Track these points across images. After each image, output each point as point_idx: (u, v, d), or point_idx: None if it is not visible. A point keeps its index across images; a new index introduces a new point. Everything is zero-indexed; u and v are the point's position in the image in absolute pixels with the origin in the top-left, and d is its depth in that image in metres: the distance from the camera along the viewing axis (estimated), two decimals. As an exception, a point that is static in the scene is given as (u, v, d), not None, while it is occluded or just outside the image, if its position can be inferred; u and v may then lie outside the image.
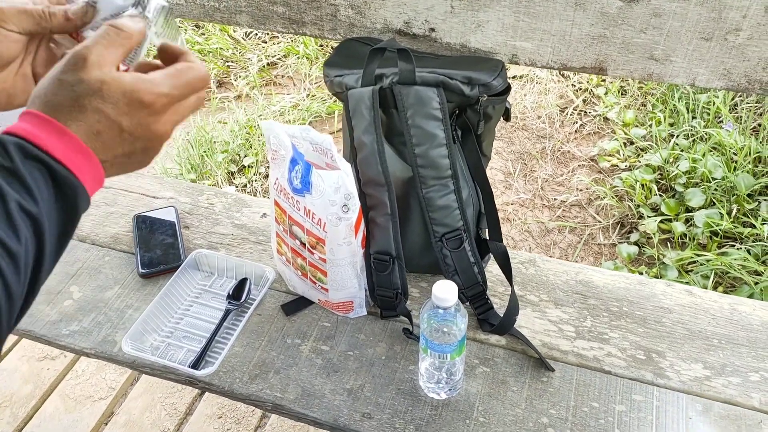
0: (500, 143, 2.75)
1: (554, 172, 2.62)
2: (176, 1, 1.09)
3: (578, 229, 2.39)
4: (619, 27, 0.90)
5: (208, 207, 1.18)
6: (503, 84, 0.93)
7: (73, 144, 0.47)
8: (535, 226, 2.43)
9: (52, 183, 0.46)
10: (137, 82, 0.49)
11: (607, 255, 2.32)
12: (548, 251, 2.35)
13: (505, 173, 2.66)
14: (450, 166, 0.94)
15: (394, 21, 1.01)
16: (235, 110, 2.96)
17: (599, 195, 2.44)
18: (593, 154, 2.61)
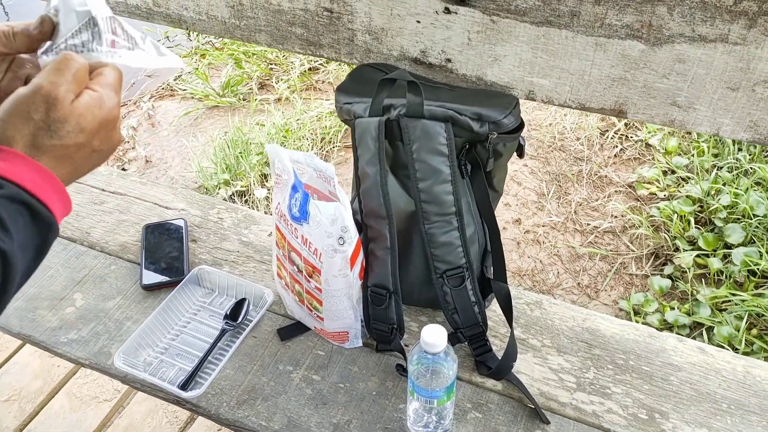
0: (536, 163, 2.70)
1: (589, 196, 2.55)
2: (198, 17, 1.10)
3: (610, 257, 2.32)
4: (640, 70, 0.86)
5: (218, 222, 1.18)
6: (515, 122, 0.90)
7: (55, 185, 0.50)
8: (565, 251, 2.37)
9: (31, 222, 0.48)
10: (101, 104, 0.53)
11: (639, 286, 2.24)
12: (577, 277, 2.29)
13: (539, 194, 2.60)
14: (454, 202, 0.91)
15: (410, 49, 0.99)
16: (273, 113, 2.98)
17: (635, 223, 2.37)
18: (631, 180, 2.53)
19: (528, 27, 0.89)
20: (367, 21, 0.99)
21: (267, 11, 1.04)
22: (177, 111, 3.25)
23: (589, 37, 0.86)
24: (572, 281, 2.30)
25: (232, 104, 3.15)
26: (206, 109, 3.22)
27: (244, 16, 1.06)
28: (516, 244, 2.43)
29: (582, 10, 0.84)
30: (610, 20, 0.83)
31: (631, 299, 2.14)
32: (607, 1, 0.82)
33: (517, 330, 1.01)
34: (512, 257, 2.36)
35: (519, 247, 2.42)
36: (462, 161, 0.93)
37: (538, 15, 0.87)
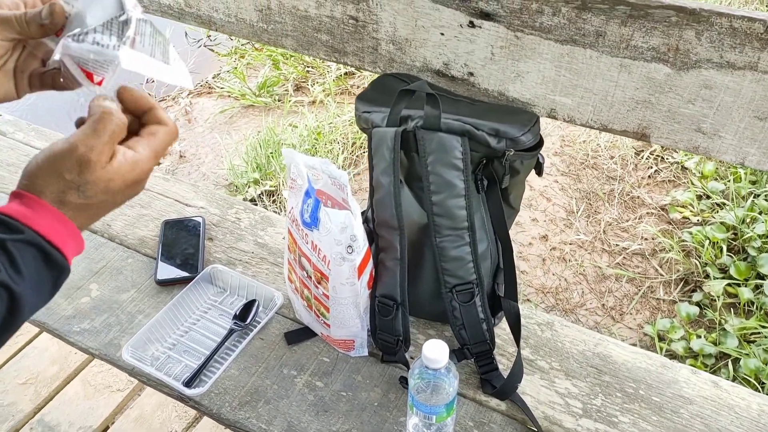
0: (567, 179, 2.66)
1: (620, 216, 2.50)
2: (227, 19, 1.11)
3: (637, 280, 2.27)
4: (665, 94, 0.84)
5: (235, 221, 1.20)
6: (533, 140, 0.88)
7: (72, 232, 0.53)
8: (591, 270, 2.33)
9: (44, 265, 0.52)
10: (134, 167, 0.54)
11: (665, 312, 2.19)
12: (602, 298, 2.25)
13: (568, 211, 2.56)
14: (467, 217, 0.90)
15: (433, 61, 0.99)
16: (306, 115, 3.00)
17: (665, 247, 2.31)
18: (664, 203, 2.47)
19: (552, 45, 0.88)
20: (391, 31, 0.99)
21: (294, 17, 1.05)
22: (213, 108, 3.30)
23: (614, 57, 0.84)
24: (597, 302, 2.26)
25: (267, 104, 3.19)
26: (242, 108, 3.26)
27: (272, 20, 1.07)
28: (541, 261, 2.40)
29: (608, 30, 0.82)
30: (636, 42, 0.81)
31: (657, 324, 2.09)
32: (633, 23, 0.80)
33: (525, 350, 0.99)
34: (537, 273, 2.33)
35: (544, 264, 2.39)
36: (478, 176, 0.92)
37: (563, 33, 0.86)
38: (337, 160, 2.71)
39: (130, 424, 1.35)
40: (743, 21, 0.74)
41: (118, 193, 0.55)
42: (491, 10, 0.89)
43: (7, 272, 0.49)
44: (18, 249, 0.50)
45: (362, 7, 0.99)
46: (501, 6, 0.88)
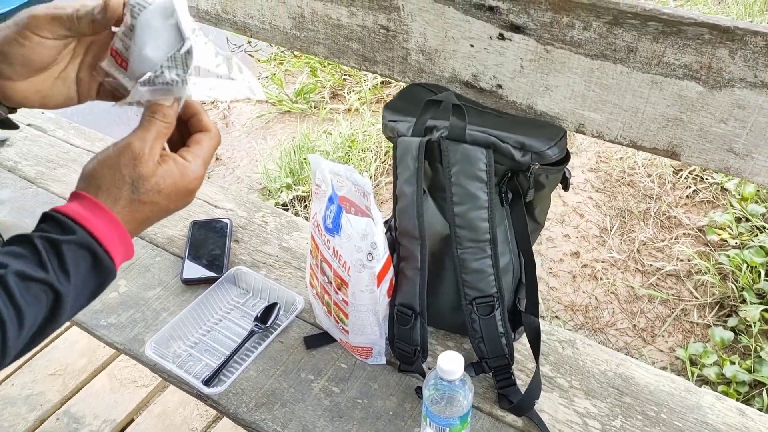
0: (601, 196, 2.62)
1: (655, 236, 2.45)
2: (262, 26, 1.13)
3: (671, 302, 2.22)
4: (697, 113, 0.82)
5: (261, 225, 1.21)
6: (559, 154, 0.88)
7: (123, 237, 0.55)
8: (623, 290, 2.29)
9: (92, 269, 0.53)
10: (184, 172, 0.57)
11: (699, 336, 2.13)
12: (633, 319, 2.20)
13: (601, 228, 2.52)
14: (489, 230, 0.90)
15: (462, 72, 0.99)
16: (341, 123, 3.03)
17: (701, 269, 2.25)
18: (702, 224, 2.41)
19: (582, 59, 0.87)
20: (421, 41, 0.99)
21: (327, 25, 1.07)
22: (250, 113, 3.36)
23: (645, 74, 0.83)
24: (628, 322, 2.21)
25: (303, 111, 3.22)
26: (278, 114, 3.31)
27: (305, 28, 1.09)
28: (572, 278, 2.36)
29: (639, 46, 0.81)
30: (668, 59, 0.80)
31: (689, 348, 2.04)
32: (665, 39, 0.79)
33: (545, 367, 0.98)
34: (566, 290, 2.30)
35: (574, 281, 2.35)
36: (503, 189, 0.92)
37: (593, 48, 0.85)
38: (369, 168, 2.72)
39: (153, 419, 1.38)
40: (779, 40, 0.72)
41: (169, 197, 0.56)
42: (522, 23, 0.89)
43: (55, 272, 0.51)
44: (70, 250, 0.52)
45: (393, 17, 0.99)
46: (531, 19, 0.88)
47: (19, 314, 0.49)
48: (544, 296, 2.26)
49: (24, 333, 0.50)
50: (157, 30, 0.56)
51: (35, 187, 1.30)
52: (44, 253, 0.51)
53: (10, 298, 0.49)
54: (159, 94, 0.56)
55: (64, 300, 0.52)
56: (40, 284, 0.50)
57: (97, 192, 0.55)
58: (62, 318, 0.53)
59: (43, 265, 0.51)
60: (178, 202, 0.58)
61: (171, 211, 0.59)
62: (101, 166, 0.56)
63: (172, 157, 0.57)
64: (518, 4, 0.87)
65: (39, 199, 1.27)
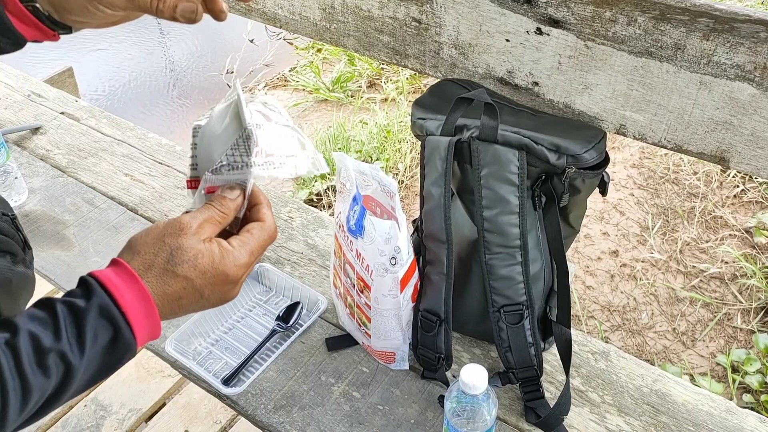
0: (643, 193, 2.53)
1: (699, 236, 2.35)
2: (292, 17, 1.10)
3: (713, 306, 2.13)
4: (749, 116, 0.76)
5: (288, 220, 1.19)
6: (597, 158, 0.82)
7: (150, 311, 0.52)
8: (663, 291, 2.21)
9: (110, 343, 0.51)
10: (225, 256, 0.55)
11: (741, 342, 2.04)
12: (673, 322, 2.12)
13: (642, 227, 2.43)
14: (519, 236, 0.86)
15: (497, 68, 0.94)
16: (377, 112, 3.00)
17: (746, 273, 2.15)
18: (749, 225, 2.30)
19: (625, 56, 0.81)
20: (454, 35, 0.95)
21: (357, 16, 1.03)
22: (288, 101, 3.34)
23: (694, 73, 0.77)
24: (667, 325, 2.13)
25: (339, 100, 3.20)
26: (315, 102, 3.29)
27: (335, 19, 1.06)
28: (609, 277, 2.29)
29: (688, 43, 0.76)
30: (719, 58, 0.74)
31: (731, 354, 1.96)
32: (717, 37, 0.73)
33: (576, 380, 0.93)
34: (603, 290, 2.23)
35: (612, 281, 2.28)
36: (536, 192, 0.87)
37: (637, 44, 0.80)
38: (405, 159, 2.69)
39: (178, 410, 1.38)
40: None
41: (204, 276, 0.54)
42: (561, 17, 0.84)
43: (69, 341, 0.48)
44: (90, 319, 0.49)
45: (425, 9, 0.95)
46: (571, 13, 0.82)
47: (25, 386, 0.47)
48: (580, 295, 2.20)
49: (29, 406, 0.47)
50: (217, 135, 0.59)
51: (66, 176, 1.31)
52: (62, 319, 0.49)
53: (18, 367, 0.46)
54: (226, 183, 0.58)
55: (74, 374, 0.49)
56: (53, 354, 0.48)
57: (133, 257, 0.53)
58: (69, 392, 0.50)
59: (57, 332, 0.48)
60: (215, 287, 0.56)
61: (206, 297, 0.56)
62: (146, 234, 0.55)
63: (218, 241, 0.56)
64: (558, -4, 0.82)
65: (69, 189, 1.27)
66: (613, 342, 2.06)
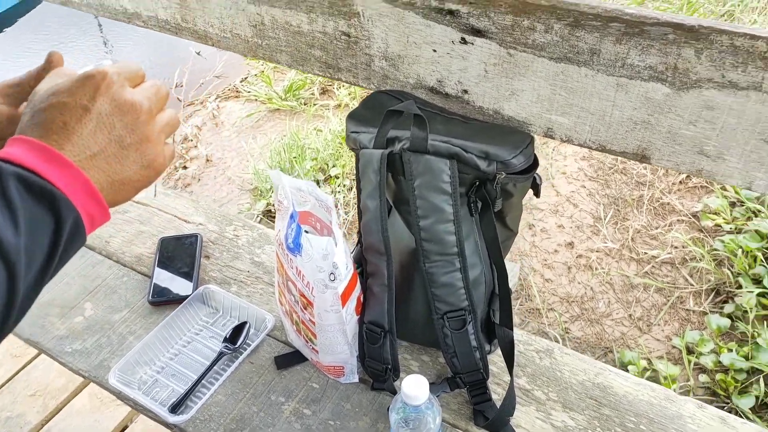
0: (594, 185, 2.58)
1: (649, 223, 2.41)
2: (223, 35, 1.10)
3: (666, 290, 2.19)
4: (665, 115, 0.78)
5: (233, 239, 1.18)
6: (525, 162, 0.84)
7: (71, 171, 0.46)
8: (618, 279, 2.26)
9: (50, 213, 0.44)
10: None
11: (695, 323, 2.10)
12: (629, 308, 2.17)
13: (595, 217, 2.49)
14: (456, 243, 0.87)
15: (427, 78, 0.95)
16: (331, 119, 2.99)
17: (695, 256, 2.22)
18: (696, 210, 2.37)
19: (546, 62, 0.83)
20: (383, 47, 0.96)
21: (287, 32, 1.03)
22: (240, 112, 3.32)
23: (610, 76, 0.79)
24: (624, 312, 2.18)
25: (293, 108, 3.19)
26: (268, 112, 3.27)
27: (266, 36, 1.06)
28: (567, 269, 2.33)
29: (602, 48, 0.78)
30: (633, 60, 0.76)
31: (686, 336, 2.02)
32: (629, 40, 0.75)
33: (522, 379, 0.95)
34: (562, 282, 2.27)
35: (569, 272, 2.32)
36: (471, 198, 0.88)
37: (556, 51, 0.81)
38: (358, 165, 2.69)
39: (136, 437, 1.36)
40: (745, 39, 0.68)
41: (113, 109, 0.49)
42: (483, 26, 0.85)
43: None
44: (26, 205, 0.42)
45: (354, 23, 0.96)
46: (492, 22, 0.84)
47: None
48: (539, 288, 2.24)
49: None
50: None
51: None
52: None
53: None
54: None
55: (17, 266, 0.41)
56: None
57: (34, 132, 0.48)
58: (21, 288, 0.42)
59: None
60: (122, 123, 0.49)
61: (130, 146, 0.49)
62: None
63: None
64: (478, 7, 0.84)
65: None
66: (572, 332, 2.10)
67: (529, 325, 2.18)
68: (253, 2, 1.02)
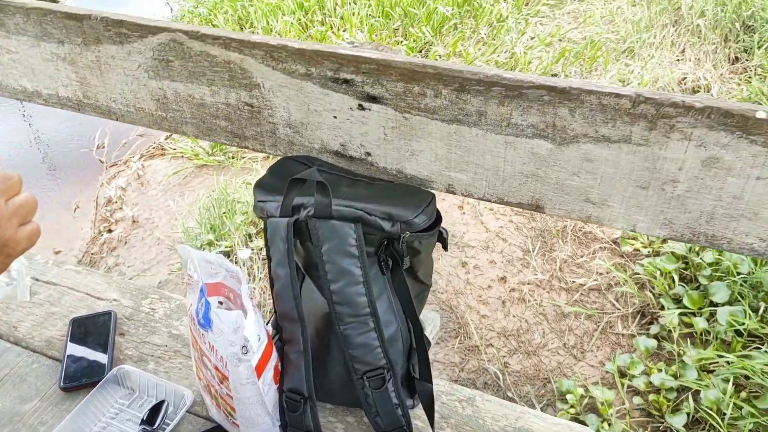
0: (521, 218, 2.67)
1: (574, 252, 2.51)
2: (126, 109, 1.10)
3: (596, 316, 2.26)
4: (551, 168, 0.83)
5: (149, 313, 1.16)
6: (428, 221, 0.87)
7: None
8: (550, 309, 2.32)
9: None
10: None
11: (625, 347, 2.18)
12: (563, 337, 2.23)
13: (524, 250, 2.56)
14: (368, 304, 0.88)
15: (330, 142, 0.98)
16: (259, 171, 2.99)
17: (619, 281, 2.31)
18: (616, 236, 2.48)
19: (440, 124, 0.87)
20: (286, 115, 0.98)
21: (191, 105, 1.04)
22: (166, 170, 3.28)
23: (499, 135, 0.84)
24: (558, 341, 2.24)
25: (220, 163, 3.17)
26: (195, 168, 3.24)
27: (170, 108, 1.06)
28: (501, 303, 2.38)
29: (488, 110, 0.82)
30: (516, 120, 0.81)
31: (617, 360, 2.08)
32: (510, 102, 0.80)
33: (446, 431, 0.96)
34: (497, 317, 2.32)
35: (504, 306, 2.37)
36: (381, 258, 0.90)
37: (447, 113, 0.85)
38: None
39: None
40: (611, 97, 0.74)
41: None
42: (377, 93, 0.88)
43: None
44: None
45: (255, 94, 0.98)
46: (386, 90, 0.87)
47: None
48: (476, 325, 2.28)
49: None
50: None
51: None
52: None
53: None
54: None
55: None
56: None
57: None
58: None
59: None
60: None
61: None
62: None
63: None
64: (371, 76, 0.87)
65: None
66: (512, 365, 2.14)
67: (470, 363, 2.21)
68: (154, 77, 1.03)
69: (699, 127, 0.71)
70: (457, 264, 2.55)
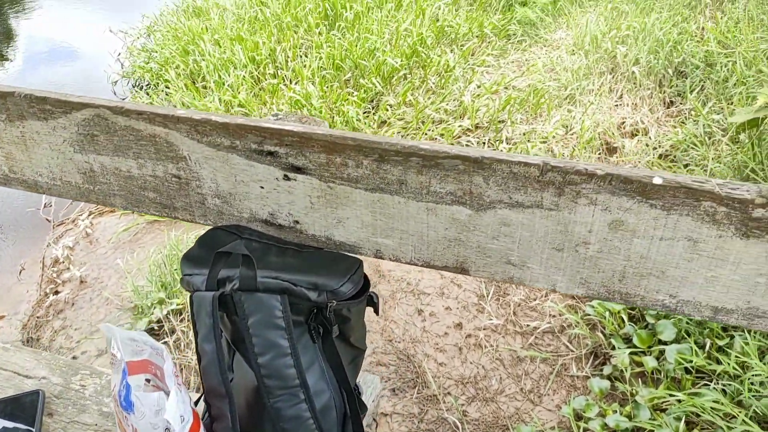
0: (473, 263, 2.68)
1: (527, 296, 2.53)
2: (53, 183, 1.08)
3: (551, 359, 2.28)
4: (472, 233, 0.85)
5: (79, 390, 1.12)
6: (354, 289, 0.88)
7: None
8: (506, 354, 2.33)
9: None
10: None
11: (580, 389, 2.19)
12: (519, 382, 2.24)
13: (478, 295, 2.58)
14: (297, 375, 0.87)
15: (259, 212, 0.98)
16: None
17: (571, 323, 2.34)
18: (566, 278, 2.52)
19: (363, 193, 0.88)
20: (214, 186, 0.98)
21: (118, 177, 1.03)
22: (116, 227, 3.22)
23: (420, 202, 0.85)
24: (515, 386, 2.24)
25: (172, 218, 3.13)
26: (146, 224, 3.20)
27: (97, 181, 1.05)
28: (458, 350, 2.38)
29: (408, 179, 0.84)
30: (435, 188, 0.83)
31: (572, 403, 2.09)
32: (428, 171, 0.82)
33: (385, 499, 0.95)
34: (455, 364, 2.31)
35: (461, 353, 2.37)
36: (312, 326, 0.90)
37: (370, 182, 0.87)
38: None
39: None
40: (521, 166, 0.76)
41: None
42: (301, 164, 0.90)
43: None
44: None
45: (182, 166, 0.98)
46: (309, 161, 0.89)
47: None
48: (434, 374, 2.26)
49: None
50: None
51: None
52: None
53: None
54: None
55: None
56: None
57: None
58: None
59: None
60: None
61: None
62: None
63: None
64: (294, 148, 0.88)
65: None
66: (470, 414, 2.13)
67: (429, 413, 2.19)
68: (80, 151, 1.02)
69: (602, 192, 0.73)
70: (413, 312, 2.55)
